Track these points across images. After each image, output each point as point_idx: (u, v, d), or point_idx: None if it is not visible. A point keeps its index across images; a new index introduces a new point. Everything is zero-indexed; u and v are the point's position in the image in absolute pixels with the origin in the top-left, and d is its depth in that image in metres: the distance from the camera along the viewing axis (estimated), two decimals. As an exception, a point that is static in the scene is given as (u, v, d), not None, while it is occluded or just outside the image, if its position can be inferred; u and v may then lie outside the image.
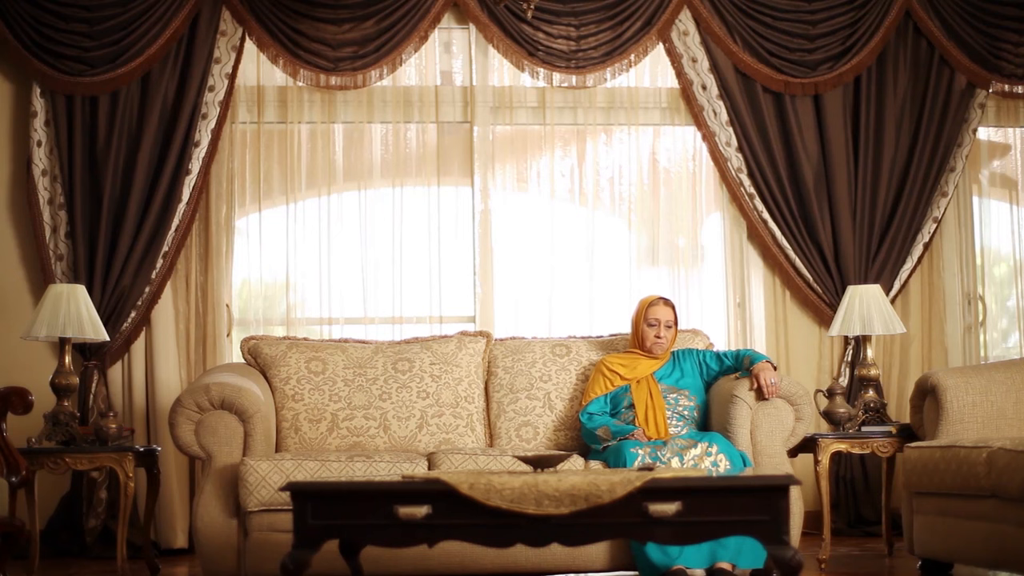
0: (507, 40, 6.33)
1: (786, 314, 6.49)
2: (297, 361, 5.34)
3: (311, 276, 6.34)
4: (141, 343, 6.09)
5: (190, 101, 6.11)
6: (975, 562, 4.55)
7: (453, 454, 4.85)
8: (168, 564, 5.66)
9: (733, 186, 6.43)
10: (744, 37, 6.45)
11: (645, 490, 3.60)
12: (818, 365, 6.47)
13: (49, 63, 6.06)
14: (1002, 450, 4.19)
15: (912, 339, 6.47)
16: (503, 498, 3.59)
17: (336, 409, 5.27)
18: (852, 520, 6.30)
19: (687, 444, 4.71)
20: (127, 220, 6.03)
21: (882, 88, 6.51)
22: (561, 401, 5.37)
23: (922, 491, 4.73)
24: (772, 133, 6.42)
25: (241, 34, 6.24)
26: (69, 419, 5.35)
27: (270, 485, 4.59)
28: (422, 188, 6.44)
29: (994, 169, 6.89)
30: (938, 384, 4.92)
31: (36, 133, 6.06)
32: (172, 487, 5.99)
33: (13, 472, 4.22)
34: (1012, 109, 6.72)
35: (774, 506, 3.62)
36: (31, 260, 6.13)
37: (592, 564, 4.67)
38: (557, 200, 6.55)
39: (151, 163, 6.09)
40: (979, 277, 6.72)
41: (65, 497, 5.98)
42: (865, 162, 6.46)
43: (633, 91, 6.54)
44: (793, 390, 5.01)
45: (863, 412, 5.60)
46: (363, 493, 3.74)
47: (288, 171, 6.34)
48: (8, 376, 5.38)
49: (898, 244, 6.44)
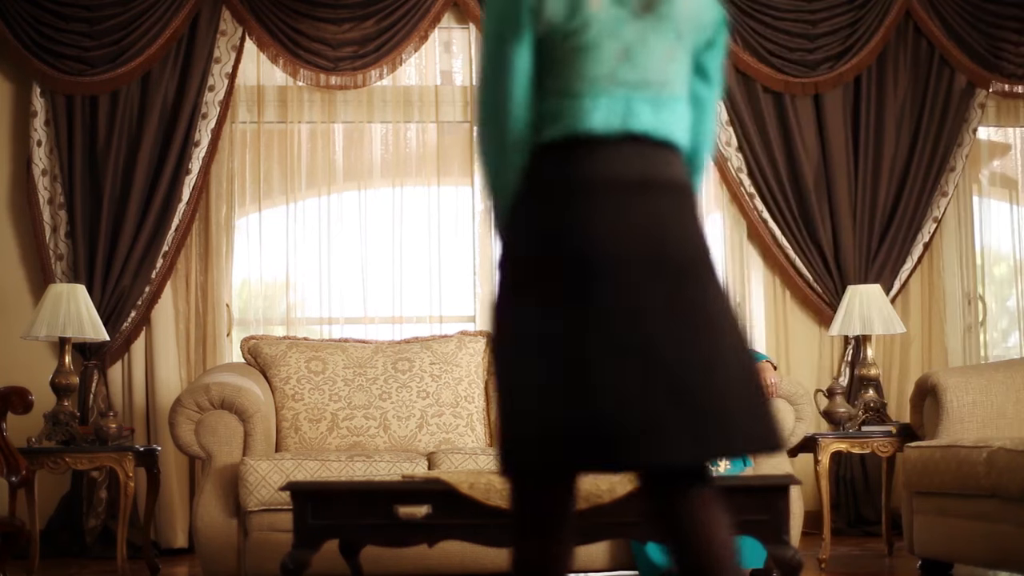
0: (507, 40, 6.33)
1: (786, 314, 6.49)
2: (297, 361, 5.34)
3: (311, 276, 6.34)
4: (141, 343, 6.09)
5: (190, 101, 6.11)
6: (975, 562, 4.55)
7: (453, 454, 4.85)
8: (168, 564, 5.66)
9: (733, 186, 6.43)
10: (744, 37, 6.45)
11: (645, 490, 3.60)
12: (818, 365, 6.47)
13: (49, 63, 6.06)
14: (1002, 450, 4.19)
15: (912, 339, 6.47)
16: (503, 498, 3.59)
17: (336, 409, 5.27)
18: (852, 520, 6.29)
19: (687, 444, 4.71)
20: (127, 220, 6.03)
21: (882, 88, 6.51)
22: (561, 401, 5.36)
23: (922, 491, 4.73)
24: (772, 133, 6.42)
25: (241, 34, 6.23)
26: (69, 419, 5.35)
27: (270, 485, 4.59)
28: (422, 188, 6.44)
29: (994, 169, 6.89)
30: (938, 384, 4.92)
31: (36, 133, 6.06)
32: (172, 487, 5.99)
33: (13, 472, 4.22)
34: (1012, 109, 6.72)
35: (774, 506, 3.62)
36: (31, 260, 6.13)
37: (592, 564, 4.67)
38: (557, 200, 6.53)
39: (151, 163, 6.09)
40: (979, 277, 6.72)
41: (65, 497, 5.97)
42: (865, 162, 6.46)
43: (633, 91, 6.53)
44: (793, 390, 5.01)
45: (863, 412, 5.60)
46: (363, 493, 3.74)
47: (288, 171, 6.33)
48: (8, 376, 5.38)
49: (898, 244, 6.44)
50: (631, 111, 2.08)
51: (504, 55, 2.09)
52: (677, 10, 2.11)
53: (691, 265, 2.07)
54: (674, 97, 2.13)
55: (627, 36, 2.08)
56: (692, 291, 2.05)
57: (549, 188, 2.07)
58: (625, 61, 2.08)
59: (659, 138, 2.10)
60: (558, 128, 2.08)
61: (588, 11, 2.06)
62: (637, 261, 2.01)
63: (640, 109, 2.08)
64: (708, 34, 2.19)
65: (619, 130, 2.07)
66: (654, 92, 2.10)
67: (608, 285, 1.99)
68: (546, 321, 2.01)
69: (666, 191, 2.08)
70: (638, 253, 2.01)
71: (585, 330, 1.98)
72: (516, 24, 2.08)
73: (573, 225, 2.02)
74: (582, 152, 2.06)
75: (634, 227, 2.02)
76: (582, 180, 2.04)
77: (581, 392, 1.97)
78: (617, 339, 1.97)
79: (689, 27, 2.14)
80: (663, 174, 2.08)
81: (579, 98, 2.07)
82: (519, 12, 2.08)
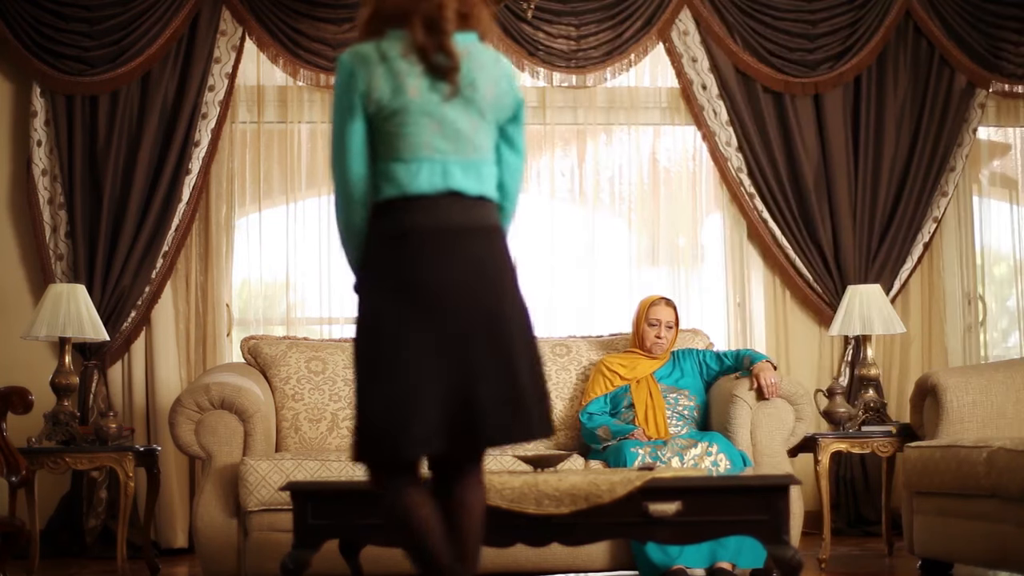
0: (507, 40, 6.33)
1: (786, 314, 6.49)
2: (297, 361, 5.34)
3: (311, 276, 6.34)
4: (141, 343, 6.09)
5: (190, 101, 6.11)
6: (975, 562, 4.55)
7: (453, 454, 4.84)
8: (168, 564, 5.66)
9: (733, 186, 6.43)
10: (744, 37, 6.45)
11: (645, 490, 3.61)
12: (818, 365, 6.47)
13: (49, 63, 6.06)
14: (1002, 450, 4.19)
15: (912, 339, 6.47)
16: (503, 498, 3.59)
17: (336, 409, 5.27)
18: (852, 520, 6.30)
19: (687, 444, 4.71)
20: (127, 220, 6.03)
21: (882, 88, 6.51)
22: (561, 401, 5.37)
23: (922, 491, 4.73)
24: (772, 133, 6.42)
25: (241, 34, 6.23)
26: (69, 419, 5.35)
27: (270, 485, 4.59)
28: (422, 187, 6.42)
29: (994, 169, 6.89)
30: (938, 384, 4.92)
31: (36, 133, 6.06)
32: (172, 487, 5.99)
33: (13, 472, 4.22)
34: (1012, 109, 6.72)
35: (774, 506, 3.62)
36: (31, 260, 6.13)
37: (592, 564, 4.67)
38: (557, 200, 6.54)
39: (151, 163, 6.09)
40: (979, 277, 6.72)
41: (65, 497, 5.97)
42: (865, 162, 6.46)
43: (633, 91, 6.54)
44: (793, 390, 5.01)
45: (863, 412, 5.60)
46: (363, 493, 3.74)
47: (288, 171, 6.33)
48: (8, 376, 5.38)
49: (898, 244, 6.44)
50: (447, 173, 2.66)
51: (344, 131, 2.68)
52: (480, 95, 2.70)
53: (500, 291, 2.67)
54: (482, 160, 2.72)
55: (440, 115, 2.67)
56: (499, 310, 2.65)
57: (390, 235, 2.65)
58: (439, 134, 2.67)
59: (472, 194, 2.69)
60: (392, 188, 2.66)
61: (407, 96, 2.65)
62: (457, 288, 2.62)
63: (454, 171, 2.67)
64: (509, 113, 2.79)
65: (440, 188, 2.65)
66: (464, 157, 2.69)
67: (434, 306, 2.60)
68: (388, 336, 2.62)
69: (481, 234, 2.69)
70: (458, 282, 2.62)
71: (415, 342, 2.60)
72: (351, 106, 2.67)
73: (408, 262, 2.63)
74: (412, 207, 2.65)
75: (455, 262, 2.63)
76: (414, 228, 2.64)
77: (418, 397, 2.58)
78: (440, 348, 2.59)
79: (491, 108, 2.73)
80: (478, 221, 2.69)
81: (406, 164, 2.66)
82: (353, 96, 2.66)
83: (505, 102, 2.76)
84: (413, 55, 2.67)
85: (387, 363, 2.62)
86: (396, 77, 2.65)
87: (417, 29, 2.67)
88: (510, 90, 2.77)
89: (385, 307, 2.65)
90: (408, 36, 2.67)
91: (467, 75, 2.69)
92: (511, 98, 2.78)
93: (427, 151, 2.66)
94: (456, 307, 2.62)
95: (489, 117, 2.73)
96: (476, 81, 2.70)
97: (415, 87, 2.65)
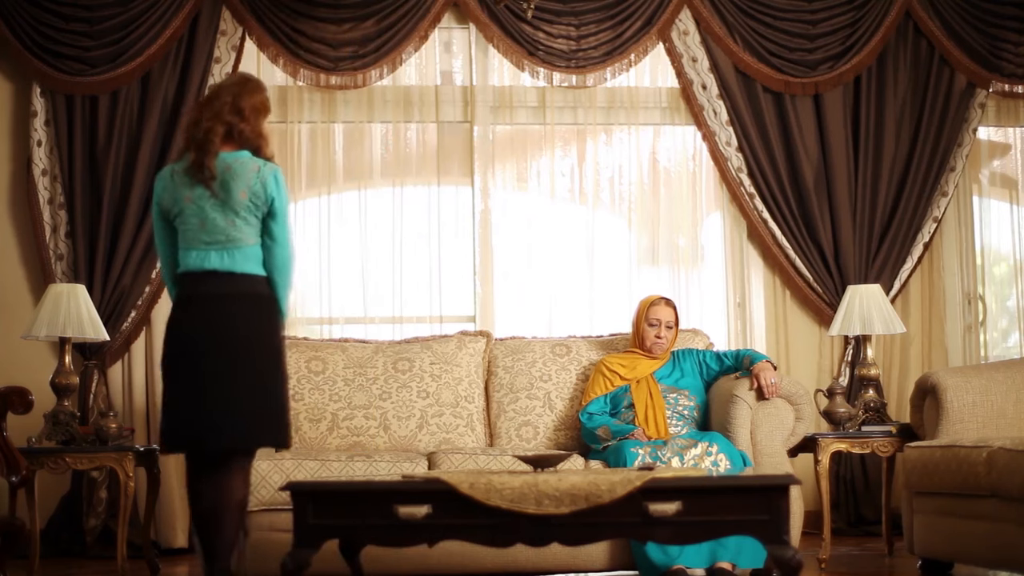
0: (507, 40, 6.33)
1: (786, 314, 6.49)
2: (297, 361, 5.34)
3: (311, 276, 6.34)
4: (141, 343, 6.09)
5: (190, 101, 6.10)
6: (975, 562, 4.55)
7: (453, 454, 4.85)
8: (168, 564, 5.66)
9: (733, 186, 6.43)
10: (744, 37, 6.45)
11: (645, 490, 3.60)
12: (818, 365, 6.47)
13: (49, 63, 6.06)
14: (1002, 450, 4.19)
15: (912, 339, 6.47)
16: (503, 498, 3.59)
17: (336, 409, 5.27)
18: (852, 520, 6.30)
19: (687, 444, 4.71)
20: (127, 220, 6.04)
21: (882, 88, 6.51)
22: (561, 401, 5.37)
23: (922, 491, 4.73)
24: (772, 133, 6.42)
25: (241, 34, 6.24)
26: (69, 419, 5.35)
27: (270, 485, 4.59)
28: (422, 188, 6.44)
29: (994, 169, 6.89)
30: (938, 384, 4.92)
31: (36, 133, 6.06)
32: (172, 487, 5.99)
33: (13, 472, 4.22)
34: (1012, 109, 6.72)
35: (774, 506, 3.62)
36: (31, 260, 6.13)
37: (592, 564, 4.67)
38: (557, 200, 6.54)
39: (151, 163, 6.09)
40: (979, 277, 6.72)
41: (65, 497, 5.97)
42: (865, 162, 6.46)
43: (633, 91, 6.54)
44: (793, 390, 5.01)
45: (863, 412, 5.60)
46: (363, 493, 3.74)
47: (288, 171, 6.33)
48: (8, 376, 5.38)
49: (898, 244, 6.44)
50: (207, 258, 3.86)
51: (157, 229, 4.00)
52: (234, 199, 3.83)
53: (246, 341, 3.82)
54: (239, 248, 3.86)
55: (204, 214, 3.85)
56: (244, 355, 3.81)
57: (178, 300, 3.94)
58: (203, 230, 3.86)
59: (227, 271, 3.85)
60: (180, 267, 3.92)
61: (183, 203, 3.88)
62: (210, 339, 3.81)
63: (212, 256, 3.86)
64: (265, 210, 3.87)
65: (203, 268, 3.86)
66: (221, 245, 3.85)
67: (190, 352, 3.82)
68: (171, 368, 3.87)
69: (239, 300, 3.85)
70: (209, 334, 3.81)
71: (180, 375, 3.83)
72: (156, 211, 3.97)
73: (180, 319, 3.89)
74: (188, 281, 3.90)
75: (210, 320, 3.83)
76: (188, 296, 3.90)
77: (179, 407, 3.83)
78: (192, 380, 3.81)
79: (243, 207, 3.84)
80: (236, 291, 3.85)
81: (185, 251, 3.90)
82: (155, 205, 3.96)
83: (257, 203, 3.84)
84: (190, 170, 3.85)
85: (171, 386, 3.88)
86: (177, 189, 3.88)
87: (193, 152, 3.86)
88: (262, 193, 3.84)
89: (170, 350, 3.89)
90: (188, 156, 3.87)
91: (224, 184, 3.82)
92: (262, 199, 3.84)
93: (195, 242, 3.86)
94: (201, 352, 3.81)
95: (243, 215, 3.83)
96: (230, 188, 3.82)
97: (188, 196, 3.86)
